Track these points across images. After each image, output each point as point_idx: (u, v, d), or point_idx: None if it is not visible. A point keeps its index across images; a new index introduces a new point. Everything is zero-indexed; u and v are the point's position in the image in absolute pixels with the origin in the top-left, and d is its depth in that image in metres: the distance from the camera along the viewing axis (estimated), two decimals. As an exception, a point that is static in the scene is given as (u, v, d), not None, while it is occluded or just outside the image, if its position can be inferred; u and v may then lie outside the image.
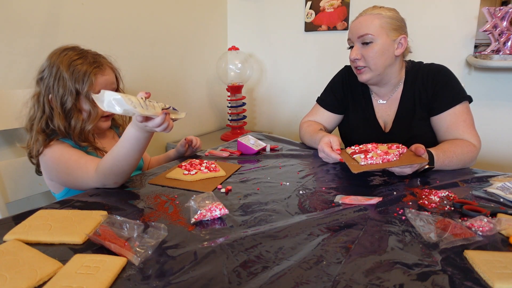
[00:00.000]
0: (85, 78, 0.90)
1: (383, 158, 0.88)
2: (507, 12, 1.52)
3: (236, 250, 0.58)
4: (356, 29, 1.07)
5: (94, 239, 0.59)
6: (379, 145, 0.98)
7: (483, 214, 0.68)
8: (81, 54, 0.93)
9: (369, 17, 1.06)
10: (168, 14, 1.91)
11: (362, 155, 0.91)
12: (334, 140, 1.03)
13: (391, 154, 0.88)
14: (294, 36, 2.19)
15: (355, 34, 1.08)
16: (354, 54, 1.08)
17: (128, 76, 1.10)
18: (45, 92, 0.91)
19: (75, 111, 0.91)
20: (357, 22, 1.08)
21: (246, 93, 2.35)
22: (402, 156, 0.90)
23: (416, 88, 1.12)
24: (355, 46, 1.09)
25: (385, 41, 1.05)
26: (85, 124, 0.93)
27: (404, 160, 0.88)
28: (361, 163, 0.89)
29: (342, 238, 0.62)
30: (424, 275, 0.52)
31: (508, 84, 1.65)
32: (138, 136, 0.78)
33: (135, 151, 0.81)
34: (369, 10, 1.08)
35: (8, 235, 0.62)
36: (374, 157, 0.89)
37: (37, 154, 0.90)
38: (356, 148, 0.98)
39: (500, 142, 1.70)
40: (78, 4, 1.45)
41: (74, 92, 0.90)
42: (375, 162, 0.88)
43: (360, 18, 1.08)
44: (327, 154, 1.01)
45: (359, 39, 1.07)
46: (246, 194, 0.83)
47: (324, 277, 0.52)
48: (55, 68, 0.90)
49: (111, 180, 0.84)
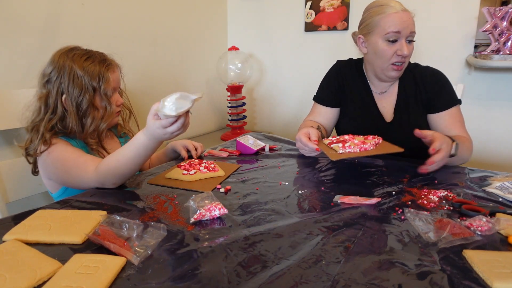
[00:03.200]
0: (100, 75, 0.92)
1: (360, 147, 0.90)
2: (507, 12, 1.52)
3: (235, 250, 0.59)
4: (409, 24, 1.06)
5: (93, 239, 0.60)
6: (355, 136, 1.00)
7: (482, 214, 0.68)
8: (89, 54, 0.94)
9: (410, 14, 1.07)
10: (168, 14, 1.91)
11: (340, 144, 0.93)
12: (312, 132, 1.05)
13: (368, 144, 0.91)
14: (294, 36, 2.19)
15: (407, 29, 1.06)
16: (407, 49, 1.06)
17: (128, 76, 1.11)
18: (57, 93, 0.91)
19: (92, 109, 0.93)
20: (406, 17, 1.06)
21: (246, 93, 2.35)
22: (379, 145, 0.92)
23: (414, 84, 1.17)
24: (403, 42, 1.07)
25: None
26: (100, 122, 0.95)
27: (380, 149, 0.90)
28: (339, 151, 0.91)
29: (341, 238, 0.63)
30: (423, 275, 0.52)
31: (508, 84, 1.65)
32: (149, 144, 0.79)
33: (141, 158, 0.81)
34: (400, 5, 1.08)
35: (8, 235, 0.62)
36: (352, 146, 0.91)
37: (39, 152, 0.89)
38: (333, 139, 1.00)
39: (499, 142, 1.70)
40: (78, 4, 1.45)
41: (92, 90, 0.92)
42: (353, 151, 0.90)
43: (405, 13, 1.07)
44: (303, 144, 1.02)
45: (410, 35, 1.07)
46: (245, 194, 0.83)
47: (323, 276, 0.52)
48: (66, 68, 0.90)
49: (111, 181, 0.84)
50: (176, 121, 0.73)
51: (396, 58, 1.08)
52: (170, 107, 0.70)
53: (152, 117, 0.74)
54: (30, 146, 0.91)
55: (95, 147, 0.96)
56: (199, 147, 1.15)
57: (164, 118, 0.72)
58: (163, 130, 0.74)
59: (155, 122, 0.74)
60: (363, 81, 1.23)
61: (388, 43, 1.08)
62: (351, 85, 1.24)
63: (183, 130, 0.76)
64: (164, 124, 0.73)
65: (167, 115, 0.71)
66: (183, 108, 0.70)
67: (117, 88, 1.01)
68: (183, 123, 0.74)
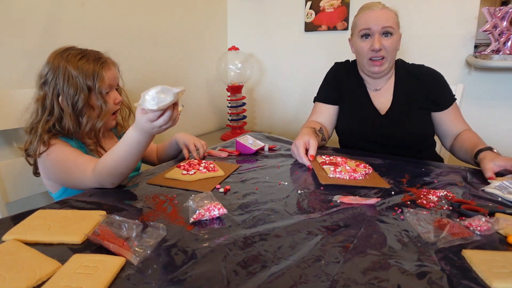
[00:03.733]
0: (95, 74, 0.92)
1: (350, 175, 0.91)
2: (507, 12, 1.52)
3: (235, 250, 0.59)
4: (380, 20, 1.13)
5: (93, 239, 0.60)
6: (348, 160, 1.01)
7: (481, 214, 0.68)
8: (83, 53, 0.94)
9: (387, 11, 1.15)
10: (168, 14, 1.91)
11: (332, 167, 0.94)
12: (312, 144, 1.05)
13: (358, 173, 0.91)
14: (294, 36, 2.19)
15: (379, 25, 1.13)
16: (378, 43, 1.13)
17: (128, 76, 1.11)
18: (53, 94, 0.91)
19: (87, 109, 0.93)
20: (379, 14, 1.14)
21: (246, 93, 2.35)
22: (368, 176, 0.93)
23: (411, 81, 1.21)
24: (376, 37, 1.14)
25: (397, 36, 1.17)
26: (97, 121, 0.94)
27: (369, 182, 0.89)
28: (330, 175, 0.92)
29: (341, 238, 0.63)
30: (422, 275, 0.52)
31: (508, 84, 1.65)
32: (140, 139, 0.78)
33: (135, 154, 0.81)
34: (380, 5, 1.15)
35: (7, 235, 0.62)
36: (343, 172, 0.91)
37: (38, 153, 0.90)
38: (327, 159, 1.01)
39: (500, 142, 1.70)
40: (78, 4, 1.45)
41: (86, 90, 0.91)
42: (342, 177, 0.91)
43: (378, 11, 1.14)
44: (300, 155, 1.04)
45: (382, 29, 1.13)
46: (244, 194, 0.83)
47: (322, 276, 0.52)
48: (61, 69, 0.90)
49: (108, 181, 0.84)
50: (163, 114, 0.72)
51: (371, 53, 1.16)
52: (150, 102, 0.69)
53: (140, 111, 0.73)
54: (30, 147, 0.91)
55: (93, 147, 0.96)
56: (200, 147, 1.12)
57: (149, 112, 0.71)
58: (150, 124, 0.73)
59: (143, 116, 0.73)
60: (359, 80, 1.28)
61: (362, 40, 1.17)
62: (348, 84, 1.29)
63: (172, 124, 0.75)
64: (151, 118, 0.72)
65: (148, 110, 0.70)
66: (164, 102, 0.69)
67: (114, 85, 1.00)
68: (170, 116, 0.73)
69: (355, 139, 1.26)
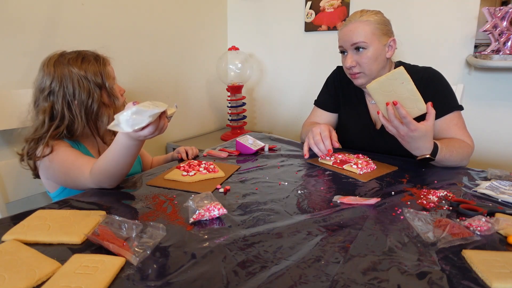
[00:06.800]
0: (102, 72, 0.93)
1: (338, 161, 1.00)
2: (507, 12, 1.52)
3: (235, 250, 0.59)
4: (349, 37, 1.08)
5: (92, 239, 0.60)
6: (349, 154, 1.07)
7: (480, 213, 0.68)
8: (81, 55, 0.94)
9: (359, 24, 1.07)
10: (168, 14, 1.91)
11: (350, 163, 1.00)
12: (334, 135, 1.07)
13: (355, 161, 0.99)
14: (294, 36, 2.18)
15: (348, 42, 1.09)
16: (349, 62, 1.09)
17: (128, 76, 1.11)
18: (63, 103, 0.90)
19: (103, 108, 0.94)
20: (348, 30, 1.09)
21: (246, 93, 2.35)
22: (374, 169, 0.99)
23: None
24: (348, 54, 1.10)
25: (378, 47, 1.08)
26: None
27: (378, 172, 0.97)
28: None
29: (341, 238, 0.62)
30: (422, 275, 0.52)
31: (508, 84, 1.65)
32: (129, 144, 0.77)
33: (126, 157, 0.80)
34: (356, 17, 1.09)
35: (7, 235, 0.62)
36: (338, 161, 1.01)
37: (41, 156, 0.89)
38: (332, 158, 1.05)
39: (500, 142, 1.70)
40: (78, 4, 1.45)
41: (98, 90, 0.93)
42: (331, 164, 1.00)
43: (350, 25, 1.09)
44: (323, 136, 1.05)
45: (352, 47, 1.08)
46: (244, 194, 0.83)
47: (322, 276, 0.52)
48: (67, 76, 0.90)
49: (105, 182, 0.84)
50: (147, 126, 0.71)
51: (347, 69, 1.14)
52: (125, 124, 0.68)
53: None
54: (30, 151, 0.90)
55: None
56: (189, 149, 1.16)
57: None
58: (136, 133, 0.73)
59: None
60: (357, 89, 1.23)
61: (342, 55, 1.15)
62: (347, 92, 1.26)
63: (158, 132, 0.75)
64: (136, 129, 0.71)
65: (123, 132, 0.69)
66: (140, 124, 0.68)
67: (115, 79, 1.02)
68: (156, 127, 0.73)
69: (349, 149, 1.23)
